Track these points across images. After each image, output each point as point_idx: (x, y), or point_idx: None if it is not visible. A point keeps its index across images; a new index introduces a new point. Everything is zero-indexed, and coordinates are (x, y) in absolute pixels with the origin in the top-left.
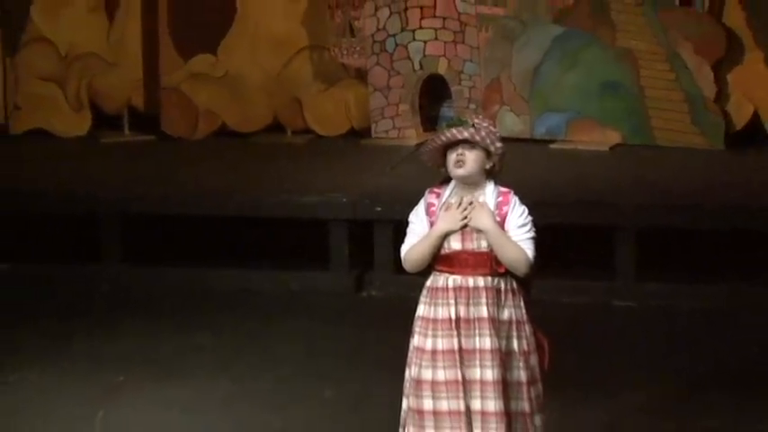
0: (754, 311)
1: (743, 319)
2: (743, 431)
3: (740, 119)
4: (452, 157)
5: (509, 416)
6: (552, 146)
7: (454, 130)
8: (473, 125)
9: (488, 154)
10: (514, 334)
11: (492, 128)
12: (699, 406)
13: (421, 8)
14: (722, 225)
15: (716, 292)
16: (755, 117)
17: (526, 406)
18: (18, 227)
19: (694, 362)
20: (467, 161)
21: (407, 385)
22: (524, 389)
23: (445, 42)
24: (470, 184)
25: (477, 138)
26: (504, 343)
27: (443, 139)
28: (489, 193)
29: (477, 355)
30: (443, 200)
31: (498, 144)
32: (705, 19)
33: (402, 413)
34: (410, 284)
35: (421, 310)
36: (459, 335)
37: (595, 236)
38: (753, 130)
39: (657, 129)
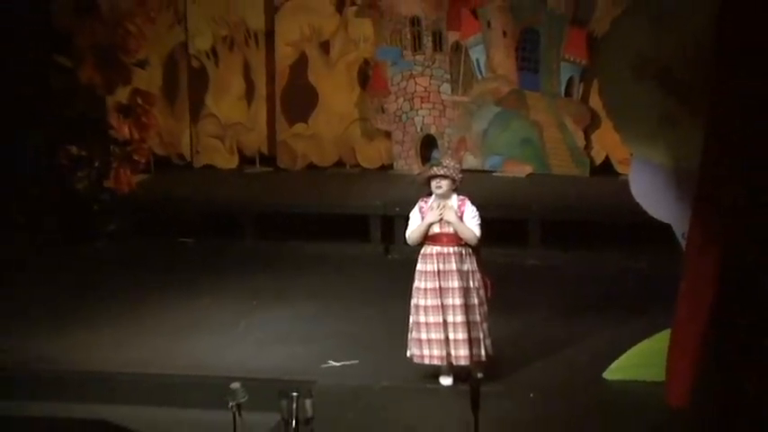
0: (613, 267)
1: (606, 272)
2: (608, 333)
3: (598, 159)
4: (434, 182)
5: (469, 324)
6: (494, 174)
7: (435, 169)
8: (445, 165)
9: (454, 180)
10: (471, 277)
11: (457, 165)
12: (580, 320)
13: (420, 98)
14: (588, 217)
15: (587, 255)
16: (607, 159)
17: (478, 318)
18: (199, 219)
19: (577, 295)
20: (443, 186)
21: (412, 308)
22: (476, 309)
23: (434, 116)
24: (444, 196)
25: (448, 173)
26: (465, 283)
27: (430, 173)
28: (454, 200)
29: (450, 291)
30: (428, 204)
31: (460, 175)
32: (579, 103)
33: (409, 324)
34: (414, 252)
35: (419, 266)
36: (439, 279)
37: (517, 223)
38: (605, 166)
39: (553, 164)
